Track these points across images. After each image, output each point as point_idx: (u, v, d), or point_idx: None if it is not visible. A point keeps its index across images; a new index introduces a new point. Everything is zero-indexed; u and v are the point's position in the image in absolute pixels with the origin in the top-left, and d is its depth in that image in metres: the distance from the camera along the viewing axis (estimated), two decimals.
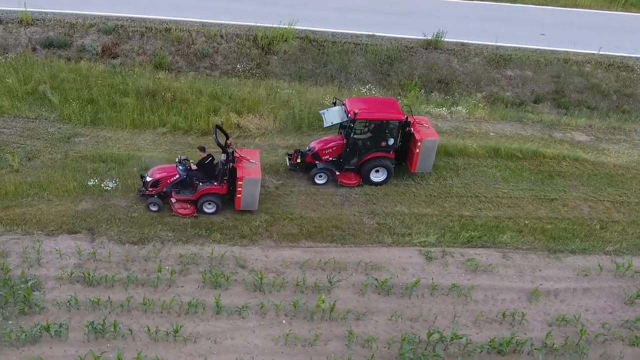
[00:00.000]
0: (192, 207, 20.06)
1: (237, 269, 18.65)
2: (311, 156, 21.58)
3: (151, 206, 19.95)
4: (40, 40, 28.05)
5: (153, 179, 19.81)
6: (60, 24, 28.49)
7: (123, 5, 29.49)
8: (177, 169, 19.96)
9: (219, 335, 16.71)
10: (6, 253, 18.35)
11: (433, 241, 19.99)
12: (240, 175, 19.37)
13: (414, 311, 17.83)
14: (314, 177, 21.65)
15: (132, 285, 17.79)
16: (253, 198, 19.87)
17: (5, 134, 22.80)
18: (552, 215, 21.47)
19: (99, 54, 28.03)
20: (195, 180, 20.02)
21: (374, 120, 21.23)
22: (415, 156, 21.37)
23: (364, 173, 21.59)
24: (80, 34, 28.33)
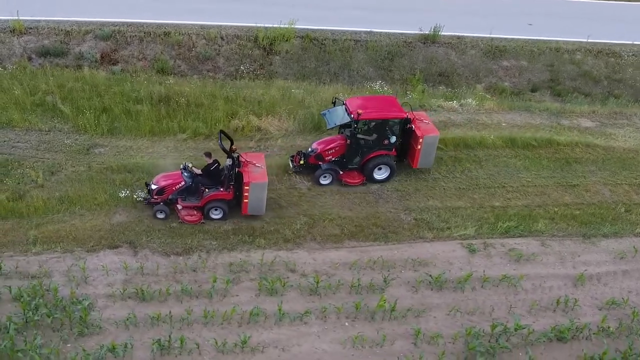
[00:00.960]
0: (199, 214, 19.38)
1: (288, 274, 18.15)
2: (314, 157, 21.06)
3: (158, 214, 19.21)
4: (36, 49, 26.67)
5: (158, 186, 19.09)
6: (55, 32, 27.14)
7: (117, 10, 28.26)
8: (182, 176, 19.23)
9: (284, 343, 16.21)
10: (49, 273, 17.36)
11: (472, 233, 19.89)
12: (247, 180, 18.69)
13: (470, 304, 17.69)
14: (318, 178, 21.13)
15: (186, 298, 17.10)
16: (260, 202, 19.20)
17: (21, 148, 21.56)
18: (578, 201, 21.68)
19: (97, 60, 26.84)
20: (201, 186, 19.39)
21: (377, 120, 20.72)
22: (417, 152, 21.09)
23: (367, 171, 21.20)
24: (77, 41, 27.05)
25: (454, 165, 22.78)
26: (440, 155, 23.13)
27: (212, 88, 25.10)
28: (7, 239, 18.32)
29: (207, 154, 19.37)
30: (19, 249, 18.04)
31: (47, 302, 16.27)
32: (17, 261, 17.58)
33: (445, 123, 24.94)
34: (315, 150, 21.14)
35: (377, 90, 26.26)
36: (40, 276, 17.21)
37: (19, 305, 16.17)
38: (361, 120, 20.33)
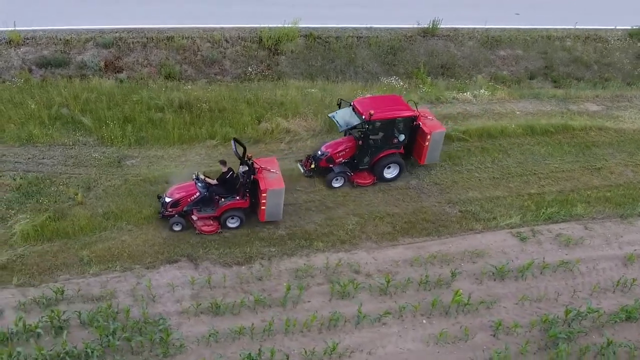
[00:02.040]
0: (216, 224, 18.54)
1: (353, 275, 17.71)
2: (325, 160, 20.46)
3: (174, 226, 18.29)
4: (35, 61, 25.10)
5: (173, 199, 18.18)
6: (54, 41, 25.62)
7: (115, 17, 26.85)
8: (197, 187, 18.36)
9: (369, 346, 15.88)
10: (114, 293, 16.33)
11: (518, 222, 19.97)
12: (264, 187, 17.96)
13: (534, 292, 17.76)
14: (331, 181, 20.49)
15: (259, 308, 16.47)
16: (278, 208, 18.53)
17: (49, 165, 20.25)
18: (606, 183, 22.11)
19: (102, 69, 25.50)
20: (215, 196, 18.57)
21: (389, 119, 20.17)
22: (425, 149, 20.76)
23: (377, 171, 20.77)
24: (78, 50, 25.61)
25: (483, 155, 22.81)
26: (468, 146, 23.21)
27: (230, 91, 24.21)
28: (58, 261, 17.18)
29: (223, 162, 18.54)
30: (75, 271, 16.95)
31: (123, 325, 15.29)
32: (77, 284, 16.50)
33: (463, 114, 24.98)
34: (326, 153, 20.50)
35: (394, 85, 25.91)
36: (105, 298, 16.21)
37: (92, 330, 15.19)
38: (372, 120, 19.75)
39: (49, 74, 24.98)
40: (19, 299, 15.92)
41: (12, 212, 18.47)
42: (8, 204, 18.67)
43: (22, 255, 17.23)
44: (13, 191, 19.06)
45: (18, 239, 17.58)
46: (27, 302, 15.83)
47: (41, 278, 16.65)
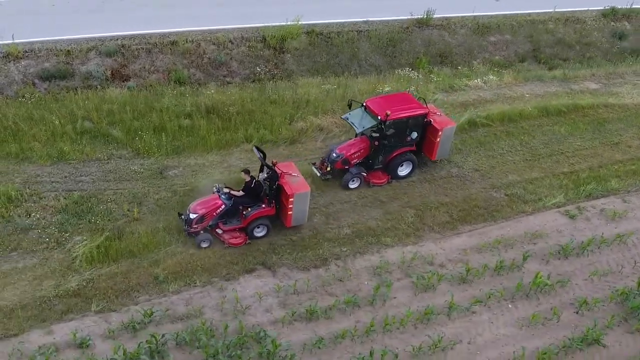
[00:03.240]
0: (243, 235, 17.55)
1: (428, 267, 17.53)
2: (341, 162, 19.74)
3: (203, 243, 17.17)
4: (37, 74, 23.41)
5: (198, 214, 16.98)
6: (54, 53, 23.95)
7: (114, 24, 25.38)
8: (221, 199, 17.31)
9: (466, 336, 15.79)
10: (201, 310, 15.45)
11: (563, 200, 20.30)
12: (290, 192, 17.13)
13: (599, 267, 18.13)
14: (348, 183, 19.80)
15: (349, 309, 15.98)
16: (303, 212, 17.82)
17: (88, 182, 18.94)
18: (627, 157, 22.80)
19: (108, 78, 24.07)
20: (241, 206, 17.61)
21: (404, 119, 19.69)
22: (436, 145, 20.36)
23: (392, 170, 20.30)
24: (81, 60, 24.05)
25: (510, 139, 23.05)
26: (493, 131, 23.40)
27: (251, 93, 23.39)
28: (132, 282, 16.10)
29: (246, 171, 17.49)
30: (153, 291, 15.95)
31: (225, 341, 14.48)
32: (159, 303, 15.51)
33: (478, 101, 25.18)
34: (341, 155, 19.78)
35: (410, 76, 25.74)
36: (193, 315, 15.32)
37: (192, 349, 14.33)
38: (389, 120, 19.22)
39: (54, 87, 23.38)
40: (106, 326, 14.80)
41: (66, 235, 17.17)
42: (60, 226, 17.34)
43: (91, 280, 16.04)
44: (60, 212, 17.72)
45: (82, 262, 16.35)
46: (116, 329, 14.71)
47: (120, 301, 15.58)
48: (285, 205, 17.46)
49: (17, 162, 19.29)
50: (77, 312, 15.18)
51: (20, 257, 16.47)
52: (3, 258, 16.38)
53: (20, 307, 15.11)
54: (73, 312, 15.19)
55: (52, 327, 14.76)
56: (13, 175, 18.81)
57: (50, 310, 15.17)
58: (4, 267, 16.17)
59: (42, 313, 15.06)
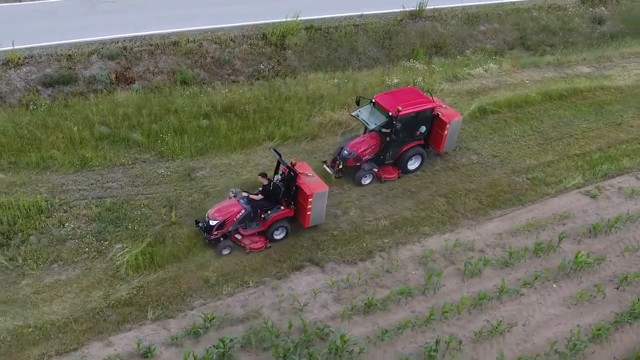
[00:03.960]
0: (263, 239, 16.98)
1: (468, 253, 17.57)
2: (353, 159, 19.36)
3: (224, 250, 16.53)
4: (40, 80, 22.41)
5: (219, 221, 16.30)
6: (55, 58, 22.95)
7: (110, 26, 24.48)
8: (240, 204, 16.69)
9: (519, 318, 15.93)
10: (259, 311, 15.09)
11: (582, 181, 20.64)
12: (309, 192, 16.69)
13: (628, 243, 18.53)
14: (361, 179, 19.45)
15: (403, 300, 15.87)
16: (321, 212, 17.38)
17: (116, 188, 18.24)
18: (632, 136, 23.35)
19: (113, 82, 23.24)
20: (260, 210, 17.06)
21: (415, 113, 19.42)
22: (444, 137, 20.18)
23: (402, 164, 20.01)
24: (83, 65, 23.13)
25: (520, 124, 23.30)
26: (503, 117, 23.62)
27: (263, 90, 22.96)
28: (183, 287, 15.62)
29: (263, 174, 17.02)
30: (207, 294, 15.51)
31: (294, 341, 14.17)
32: (216, 307, 15.08)
33: (482, 89, 25.38)
34: (353, 152, 19.38)
35: (417, 68, 25.73)
36: (252, 316, 14.93)
37: (260, 352, 13.99)
38: (401, 116, 18.96)
39: (58, 93, 22.43)
40: (166, 334, 14.29)
41: (105, 244, 16.49)
42: (97, 235, 16.65)
43: (140, 287, 15.47)
44: (95, 221, 17.01)
45: (128, 270, 15.73)
46: (178, 335, 14.20)
47: (175, 307, 15.08)
48: (304, 205, 16.96)
49: (38, 172, 18.41)
50: (133, 322, 14.60)
51: (62, 269, 15.74)
52: (45, 271, 15.62)
53: (73, 321, 14.45)
54: (129, 321, 14.60)
55: (110, 338, 14.16)
56: (37, 185, 17.95)
57: (105, 321, 14.55)
58: (46, 280, 15.42)
59: (97, 325, 14.43)
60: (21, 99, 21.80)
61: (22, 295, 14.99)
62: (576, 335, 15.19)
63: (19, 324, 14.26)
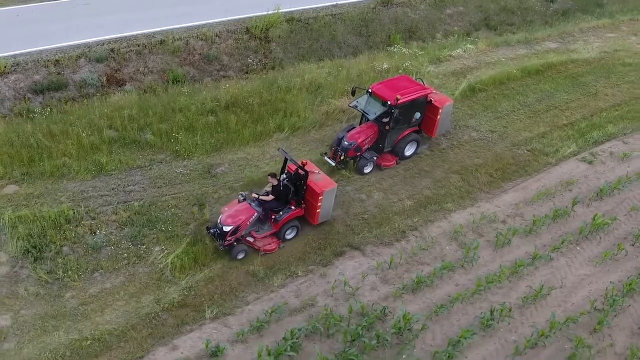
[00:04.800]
0: (275, 239, 16.37)
1: (492, 225, 17.89)
2: (353, 150, 19.08)
3: (239, 255, 15.80)
4: (29, 88, 21.18)
5: (233, 226, 15.53)
6: (42, 64, 21.70)
7: (93, 28, 23.38)
8: (252, 207, 16.06)
9: (554, 282, 16.32)
10: (314, 299, 14.89)
11: (576, 149, 21.32)
12: (320, 190, 16.25)
13: (632, 203, 19.27)
14: (363, 168, 19.19)
15: (446, 275, 16.01)
16: (329, 208, 16.93)
17: (139, 191, 17.46)
18: (609, 104, 24.28)
19: (103, 85, 22.25)
20: (271, 211, 16.45)
21: (412, 101, 19.26)
22: (437, 122, 20.21)
23: (400, 151, 19.85)
24: (71, 69, 21.98)
25: (508, 100, 23.80)
26: (491, 95, 24.08)
27: (256, 83, 22.50)
28: (234, 283, 15.26)
29: (273, 175, 16.49)
30: (259, 288, 15.17)
31: (359, 324, 14.04)
32: (270, 299, 14.76)
33: (464, 69, 25.75)
34: (354, 143, 19.06)
35: (404, 53, 25.81)
36: (309, 304, 14.68)
37: (325, 339, 13.78)
38: (399, 104, 18.81)
39: (49, 100, 21.27)
40: (228, 331, 13.87)
41: (143, 248, 15.78)
42: (132, 239, 15.90)
43: (190, 288, 14.94)
44: (127, 225, 16.24)
45: (174, 272, 15.12)
46: (243, 331, 13.79)
47: (231, 304, 14.63)
48: (313, 203, 16.51)
49: (54, 181, 17.37)
50: (192, 323, 14.07)
51: (105, 278, 14.94)
52: (87, 281, 14.79)
53: (130, 328, 13.76)
54: (187, 323, 14.06)
55: (174, 342, 13.60)
56: (56, 194, 16.94)
57: (164, 325, 13.95)
58: (91, 290, 14.61)
59: (156, 330, 13.82)
60: (12, 108, 20.55)
61: (69, 308, 14.14)
62: (611, 291, 15.71)
63: (75, 338, 13.47)
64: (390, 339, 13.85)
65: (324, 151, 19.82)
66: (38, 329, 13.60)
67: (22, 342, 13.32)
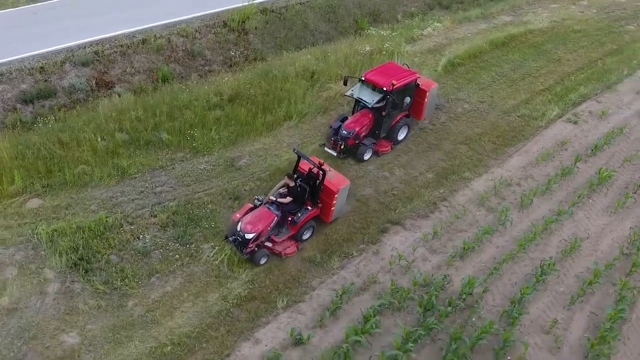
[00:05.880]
0: (293, 242, 15.58)
1: (509, 188, 18.33)
2: (353, 138, 18.68)
3: (262, 260, 14.93)
4: (17, 98, 19.64)
5: (255, 232, 14.70)
6: (27, 72, 20.13)
7: (71, 31, 21.88)
8: (271, 211, 15.24)
9: (580, 234, 16.91)
10: (376, 276, 14.74)
11: (559, 112, 22.14)
12: (335, 188, 15.63)
13: (623, 154, 20.24)
14: (363, 155, 18.77)
15: (486, 239, 16.25)
16: (342, 204, 16.38)
17: (169, 191, 16.57)
18: (573, 69, 25.28)
19: (93, 89, 20.94)
20: (289, 213, 15.60)
21: (405, 85, 19.04)
22: (424, 105, 20.02)
23: (394, 135, 19.56)
24: (58, 75, 20.51)
25: (486, 72, 24.31)
26: (470, 68, 24.50)
27: (253, 75, 21.84)
28: (293, 271, 14.95)
29: (289, 175, 15.73)
30: (320, 272, 14.96)
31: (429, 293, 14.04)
32: (334, 282, 14.51)
33: (438, 46, 26.08)
34: (353, 131, 18.61)
35: (383, 35, 25.75)
36: (373, 282, 14.55)
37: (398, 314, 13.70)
38: (395, 90, 18.58)
39: (41, 108, 19.80)
40: (303, 318, 13.55)
41: (192, 247, 14.99)
42: (178, 240, 15.11)
43: (251, 281, 14.45)
44: (169, 226, 15.37)
45: (231, 267, 14.49)
46: (319, 317, 13.46)
47: (298, 291, 14.27)
48: (327, 202, 15.89)
49: (77, 190, 16.16)
50: (266, 314, 13.59)
51: (163, 281, 14.11)
52: (146, 287, 13.91)
53: (207, 328, 13.07)
54: (262, 315, 13.56)
55: (255, 335, 13.08)
56: (84, 203, 15.78)
57: (239, 320, 13.37)
58: (152, 295, 13.75)
59: (233, 326, 13.21)
60: (3, 121, 18.94)
61: (137, 316, 13.24)
62: (633, 236, 16.48)
63: (153, 345, 12.65)
64: (461, 304, 13.90)
65: (322, 142, 19.22)
66: (111, 341, 12.65)
67: (98, 357, 12.36)
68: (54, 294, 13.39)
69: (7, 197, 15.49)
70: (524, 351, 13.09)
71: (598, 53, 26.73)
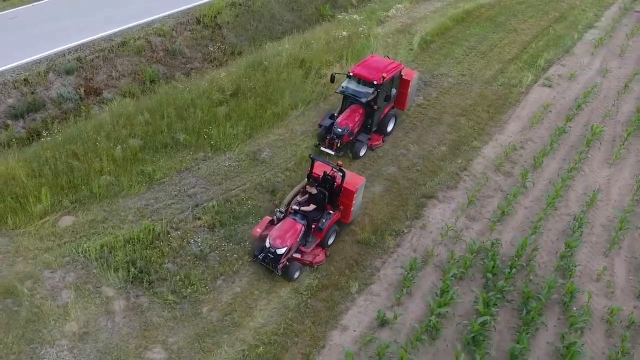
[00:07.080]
0: (321, 249, 14.47)
1: (518, 152, 18.74)
2: (347, 135, 17.84)
3: (295, 274, 13.67)
4: (6, 113, 17.93)
5: (287, 247, 13.56)
6: (12, 85, 18.34)
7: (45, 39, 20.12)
8: (296, 221, 14.03)
9: (592, 187, 17.51)
10: (431, 250, 14.63)
11: (534, 78, 22.86)
12: (353, 188, 14.63)
13: (601, 112, 21.18)
14: (359, 151, 17.89)
15: (514, 201, 16.53)
16: (359, 203, 15.39)
17: (202, 191, 15.61)
18: (530, 37, 26.17)
19: (82, 97, 19.43)
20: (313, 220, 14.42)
21: (393, 78, 18.34)
22: (407, 95, 19.26)
23: (384, 128, 18.83)
24: (44, 87, 18.86)
25: (457, 46, 24.67)
26: (441, 44, 24.83)
27: (245, 70, 20.92)
28: (353, 255, 14.54)
29: (310, 182, 14.66)
30: (378, 253, 14.66)
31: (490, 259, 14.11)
32: (395, 260, 14.25)
33: (405, 26, 26.16)
34: (347, 128, 17.70)
35: (356, 20, 25.37)
36: (429, 255, 14.48)
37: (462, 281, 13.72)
38: (385, 83, 17.83)
39: (31, 122, 18.14)
40: (380, 299, 13.27)
41: (247, 244, 14.20)
42: (231, 239, 14.26)
43: (317, 270, 13.83)
44: (216, 227, 14.49)
45: None
46: (401, 295, 13.19)
47: (365, 274, 13.89)
48: (347, 202, 14.84)
49: (109, 202, 14.85)
50: (343, 301, 13.14)
51: (229, 282, 13.29)
52: (215, 291, 13.04)
53: (291, 322, 12.49)
54: (339, 302, 13.15)
55: (341, 322, 12.60)
56: (120, 214, 14.53)
57: (319, 311, 12.88)
58: (224, 298, 12.93)
59: (317, 317, 12.75)
60: None
61: (216, 322, 12.39)
62: (639, 183, 17.33)
63: (244, 348, 11.90)
64: (522, 265, 14.08)
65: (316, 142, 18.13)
66: (199, 351, 11.76)
67: None
68: (122, 312, 12.25)
69: (36, 217, 13.97)
70: (587, 300, 13.42)
71: (545, 21, 27.79)
